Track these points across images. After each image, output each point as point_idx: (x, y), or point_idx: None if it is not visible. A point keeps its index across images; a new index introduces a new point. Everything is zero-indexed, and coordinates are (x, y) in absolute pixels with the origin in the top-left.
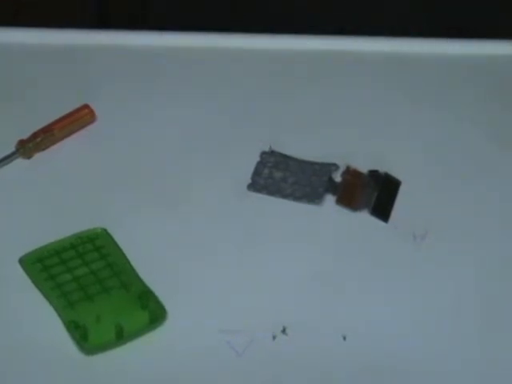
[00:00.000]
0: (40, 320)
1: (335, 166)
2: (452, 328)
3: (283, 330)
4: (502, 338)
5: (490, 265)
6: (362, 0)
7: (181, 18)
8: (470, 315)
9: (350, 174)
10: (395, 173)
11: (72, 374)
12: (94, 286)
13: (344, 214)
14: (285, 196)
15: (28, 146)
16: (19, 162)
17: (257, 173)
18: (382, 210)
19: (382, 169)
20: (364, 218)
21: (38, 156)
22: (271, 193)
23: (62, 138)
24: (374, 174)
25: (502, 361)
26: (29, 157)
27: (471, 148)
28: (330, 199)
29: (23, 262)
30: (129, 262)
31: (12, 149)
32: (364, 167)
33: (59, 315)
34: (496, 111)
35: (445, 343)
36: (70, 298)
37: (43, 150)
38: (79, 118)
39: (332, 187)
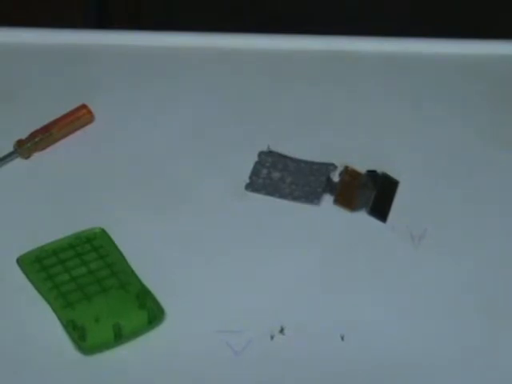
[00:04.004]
0: (38, 320)
1: (333, 166)
2: (450, 327)
3: (281, 330)
4: (502, 337)
5: (489, 265)
6: (362, 0)
7: (181, 18)
8: (469, 315)
9: (349, 174)
10: (393, 173)
11: (70, 374)
12: (93, 285)
13: (342, 214)
14: (283, 196)
15: (26, 146)
16: (18, 162)
17: (255, 173)
18: (380, 210)
19: (380, 169)
20: (362, 218)
21: (37, 156)
22: (269, 193)
23: (60, 138)
24: (372, 174)
25: (502, 360)
26: (27, 157)
27: (470, 148)
28: (328, 199)
29: (21, 261)
30: (127, 262)
31: (10, 149)
32: (362, 167)
33: (57, 315)
34: (496, 111)
35: (443, 343)
36: (68, 298)
37: (41, 150)
38: (77, 119)
39: (330, 187)
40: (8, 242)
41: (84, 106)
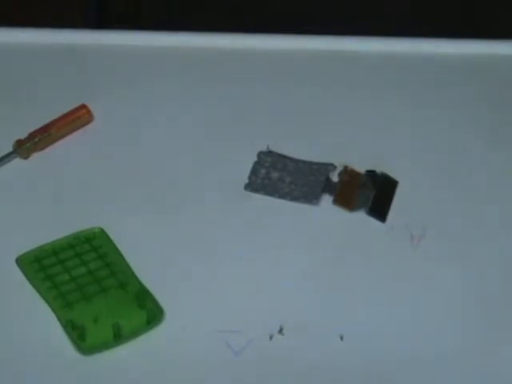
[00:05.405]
0: (37, 320)
1: (332, 166)
2: (450, 328)
3: (280, 330)
4: (503, 338)
5: (489, 265)
6: (362, 0)
7: (181, 18)
8: (469, 315)
9: (348, 174)
10: (393, 173)
11: (70, 374)
12: (92, 285)
13: (341, 214)
14: (282, 196)
15: (26, 146)
16: (17, 162)
17: (254, 173)
18: (380, 210)
19: (379, 169)
20: (361, 218)
21: (36, 156)
22: (268, 193)
23: (59, 138)
24: (371, 174)
25: (503, 360)
26: (26, 157)
27: (470, 148)
28: (327, 199)
29: (20, 261)
30: (126, 262)
31: (10, 149)
32: (361, 167)
33: (57, 315)
34: (496, 111)
35: (443, 343)
36: (67, 298)
37: (41, 150)
38: (77, 118)
39: (329, 187)
40: (7, 241)
41: (83, 106)
